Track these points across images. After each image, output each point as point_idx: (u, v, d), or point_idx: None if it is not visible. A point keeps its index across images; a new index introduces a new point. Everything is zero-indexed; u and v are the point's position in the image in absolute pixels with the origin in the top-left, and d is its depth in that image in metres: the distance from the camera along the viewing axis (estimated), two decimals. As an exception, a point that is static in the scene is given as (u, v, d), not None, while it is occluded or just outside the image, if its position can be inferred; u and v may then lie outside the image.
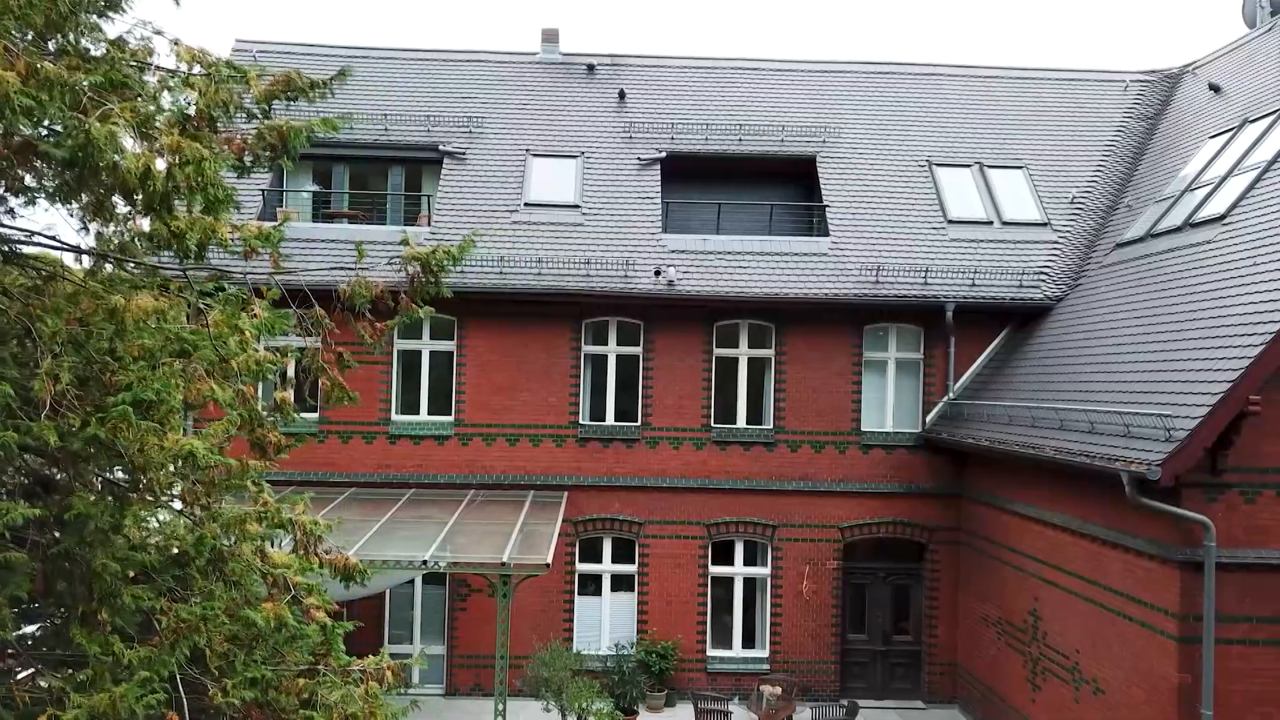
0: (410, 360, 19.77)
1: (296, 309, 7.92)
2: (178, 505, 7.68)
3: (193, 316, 7.54)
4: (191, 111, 6.64)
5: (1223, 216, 15.56)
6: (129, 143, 6.45)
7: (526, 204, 20.49)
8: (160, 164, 6.22)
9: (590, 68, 23.73)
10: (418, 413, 19.68)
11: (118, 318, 6.36)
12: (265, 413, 7.64)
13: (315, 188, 21.88)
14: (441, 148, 21.39)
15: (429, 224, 20.19)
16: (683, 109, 22.66)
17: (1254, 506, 12.33)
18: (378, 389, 19.37)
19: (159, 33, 7.00)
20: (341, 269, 8.51)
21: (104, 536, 6.37)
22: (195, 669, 6.77)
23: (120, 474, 7.38)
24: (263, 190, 20.11)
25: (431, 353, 19.73)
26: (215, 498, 7.29)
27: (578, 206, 20.51)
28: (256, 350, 7.98)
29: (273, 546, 8.09)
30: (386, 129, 21.50)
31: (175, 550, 7.04)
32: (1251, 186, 15.55)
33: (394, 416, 19.51)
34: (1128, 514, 13.20)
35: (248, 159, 7.14)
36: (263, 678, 6.83)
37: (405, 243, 7.74)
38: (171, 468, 6.68)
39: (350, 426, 19.27)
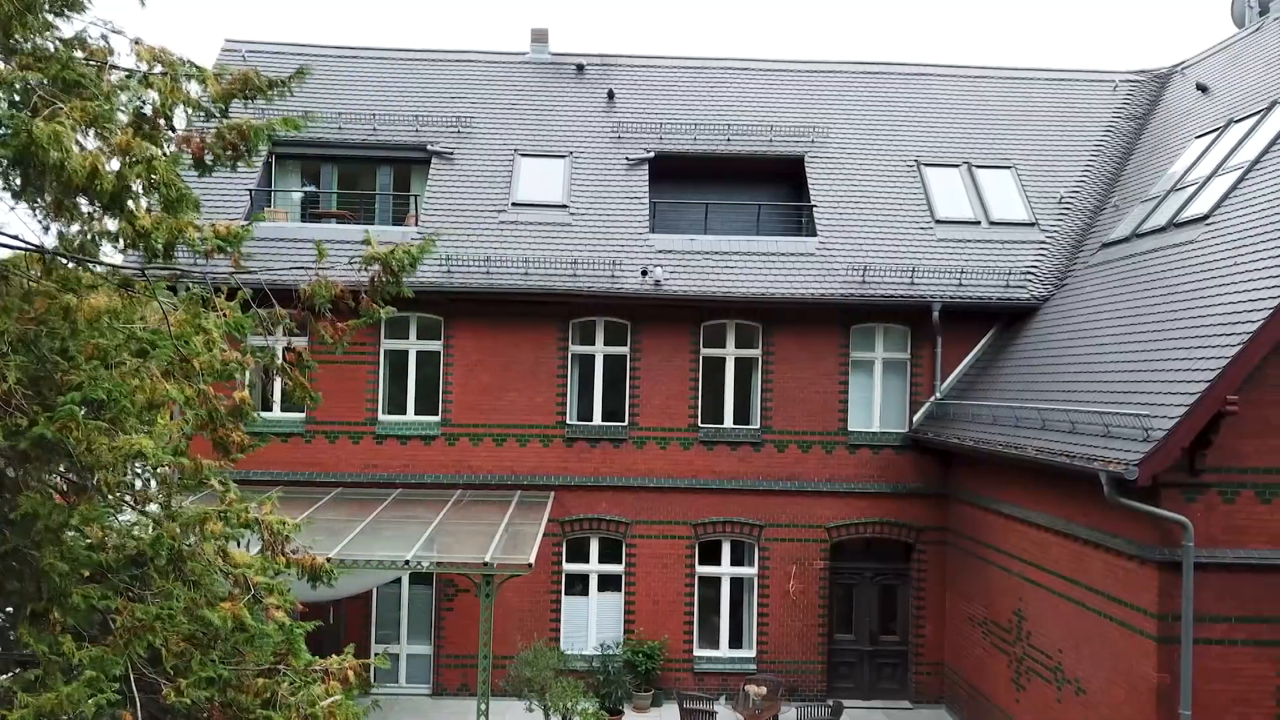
0: (397, 360, 19.76)
1: (260, 309, 7.88)
2: (143, 505, 7.66)
3: (167, 315, 7.51)
4: (148, 111, 6.62)
5: (1206, 216, 15.54)
6: (87, 141, 6.44)
7: (514, 204, 20.47)
8: (114, 164, 6.20)
9: (579, 68, 23.72)
10: (404, 413, 19.67)
11: (71, 317, 6.36)
12: (225, 411, 7.58)
13: (304, 188, 21.88)
14: (430, 148, 21.39)
15: (416, 224, 20.19)
16: (671, 109, 22.64)
17: (1232, 506, 12.30)
18: (364, 389, 19.37)
19: (118, 32, 6.98)
20: (321, 269, 8.47)
21: (53, 536, 6.35)
22: (153, 669, 6.74)
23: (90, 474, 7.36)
24: (249, 190, 20.10)
25: (418, 353, 19.72)
26: (172, 497, 7.26)
27: (565, 206, 20.50)
28: (224, 349, 7.96)
29: (239, 546, 8.07)
30: (375, 129, 21.50)
31: (133, 550, 7.01)
32: (1235, 186, 15.52)
33: (381, 416, 19.50)
34: (1109, 514, 13.18)
35: (208, 158, 7.12)
36: (220, 677, 6.81)
37: (367, 242, 7.71)
38: (125, 467, 6.65)
39: (337, 426, 19.28)
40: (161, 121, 6.66)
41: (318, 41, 25.18)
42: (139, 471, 7.09)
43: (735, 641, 19.96)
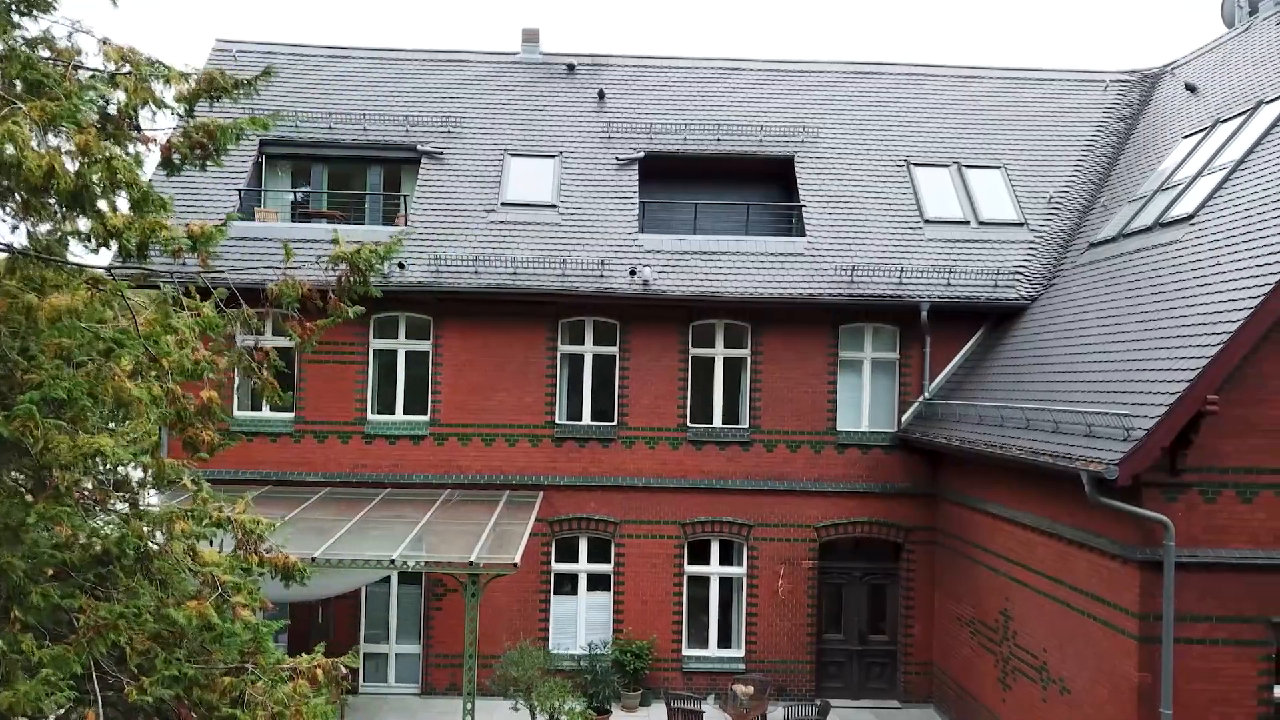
0: (386, 360, 19.75)
1: (230, 309, 7.87)
2: (117, 505, 7.67)
3: (135, 314, 7.51)
4: (113, 110, 6.62)
5: (1191, 216, 15.53)
6: (52, 141, 6.45)
7: (504, 204, 20.47)
8: (77, 164, 6.21)
9: (570, 68, 23.72)
10: (393, 412, 19.65)
11: (32, 316, 6.36)
12: (194, 410, 7.57)
13: (294, 188, 21.88)
14: (420, 148, 21.39)
15: (406, 223, 20.19)
16: (662, 109, 22.64)
17: (1213, 506, 12.30)
18: (353, 389, 19.36)
19: (86, 31, 6.98)
20: (293, 269, 8.46)
21: (12, 534, 6.36)
22: (119, 668, 6.74)
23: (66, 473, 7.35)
24: (239, 190, 20.10)
25: (407, 352, 19.71)
26: (138, 495, 7.26)
27: (555, 206, 20.49)
28: (196, 348, 7.96)
29: (211, 545, 8.06)
30: (366, 129, 21.50)
31: (100, 549, 7.01)
32: (1219, 186, 15.51)
33: (370, 416, 19.49)
34: (1092, 514, 13.17)
35: (176, 158, 7.12)
36: (185, 676, 6.81)
37: (336, 242, 7.71)
38: (84, 466, 6.65)
39: (326, 426, 19.28)
40: (126, 122, 6.67)
41: (309, 41, 25.12)
42: (104, 470, 7.08)
43: (724, 641, 19.96)
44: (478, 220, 20.11)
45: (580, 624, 19.75)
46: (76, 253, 7.76)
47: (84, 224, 7.39)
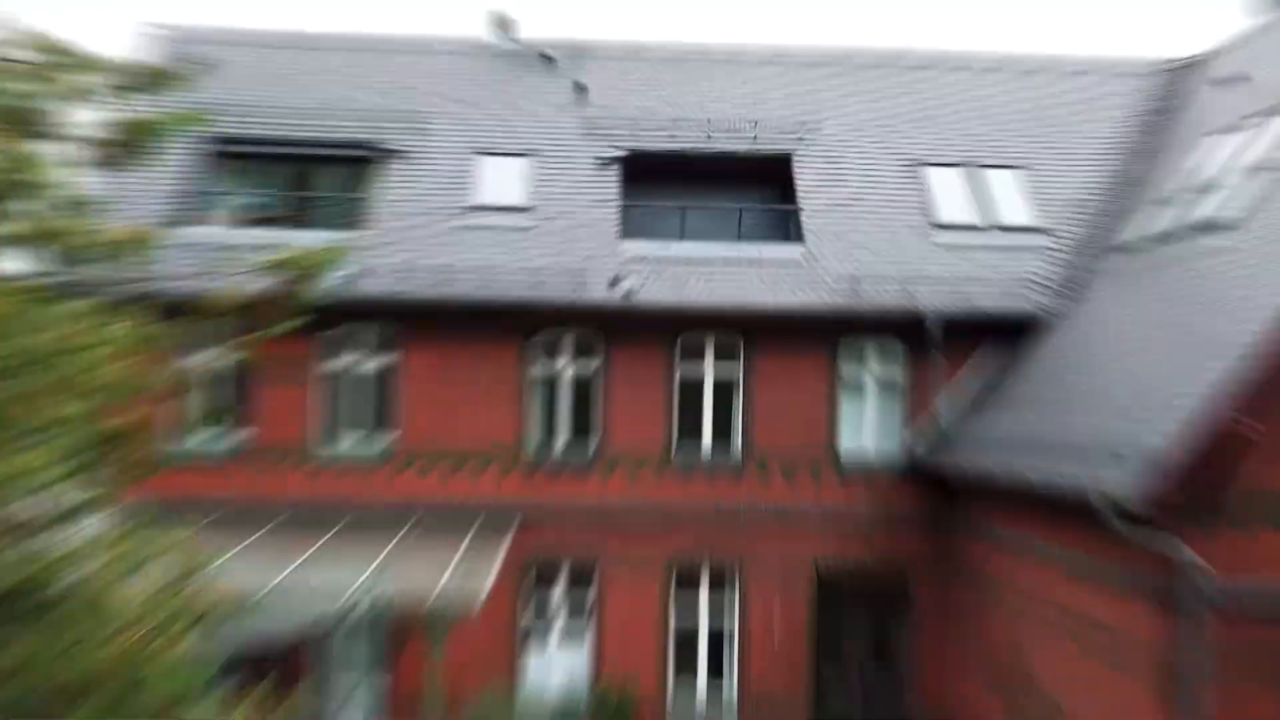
0: (345, 379, 19.59)
1: (167, 320, 7.82)
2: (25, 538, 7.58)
3: (47, 327, 7.44)
4: (21, 104, 6.58)
5: (1228, 221, 15.43)
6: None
7: (474, 207, 20.47)
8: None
9: (548, 58, 23.75)
10: (352, 435, 19.54)
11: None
12: (121, 431, 7.50)
13: (249, 189, 21.71)
14: (384, 146, 21.39)
15: (369, 228, 20.13)
16: (647, 103, 22.67)
17: (1251, 539, 12.23)
18: (310, 410, 19.25)
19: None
20: (233, 277, 8.41)
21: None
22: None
23: None
24: (186, 192, 20.04)
25: (369, 370, 19.60)
26: (50, 525, 7.18)
27: (529, 209, 20.48)
28: (126, 364, 7.89)
29: (137, 580, 7.97)
30: (327, 125, 21.50)
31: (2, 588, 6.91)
32: (1263, 188, 15.42)
33: (326, 439, 19.37)
34: (1113, 546, 13.10)
35: (96, 156, 7.08)
36: (98, 727, 6.73)
37: (280, 248, 7.68)
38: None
39: (279, 450, 19.13)
40: (39, 116, 6.63)
41: (263, 29, 24.90)
42: (12, 497, 7.00)
43: (714, 676, 19.82)
44: (445, 225, 20.10)
45: (556, 662, 19.60)
46: (-8, 260, 7.71)
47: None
